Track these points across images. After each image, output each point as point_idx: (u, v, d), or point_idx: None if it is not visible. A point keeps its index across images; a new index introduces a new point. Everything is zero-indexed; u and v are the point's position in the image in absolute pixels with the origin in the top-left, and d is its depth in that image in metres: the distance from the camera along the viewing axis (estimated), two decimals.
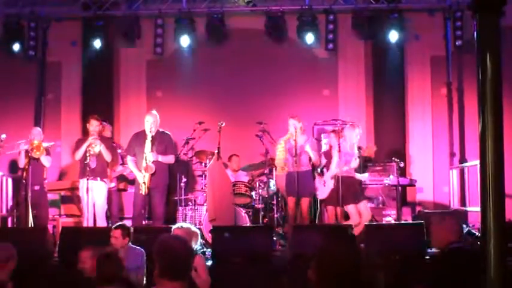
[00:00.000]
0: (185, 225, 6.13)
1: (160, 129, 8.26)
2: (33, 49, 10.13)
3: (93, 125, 8.20)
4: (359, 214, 7.71)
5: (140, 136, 8.24)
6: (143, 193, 8.02)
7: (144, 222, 8.31)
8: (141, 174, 8.05)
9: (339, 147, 7.72)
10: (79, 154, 8.16)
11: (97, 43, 10.00)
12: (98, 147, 8.09)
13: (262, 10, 9.92)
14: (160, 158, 8.14)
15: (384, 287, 5.66)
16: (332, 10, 9.91)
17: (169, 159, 8.30)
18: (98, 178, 8.14)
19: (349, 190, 7.68)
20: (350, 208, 7.72)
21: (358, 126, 8.07)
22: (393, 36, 9.75)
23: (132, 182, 8.56)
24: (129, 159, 8.28)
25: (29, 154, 8.15)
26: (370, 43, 10.11)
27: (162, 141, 8.18)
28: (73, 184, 9.38)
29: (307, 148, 7.95)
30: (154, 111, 8.29)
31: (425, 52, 10.12)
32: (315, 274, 2.51)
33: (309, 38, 9.88)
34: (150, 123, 8.12)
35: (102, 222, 8.07)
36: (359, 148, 8.63)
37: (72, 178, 9.77)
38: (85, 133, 8.67)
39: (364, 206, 7.83)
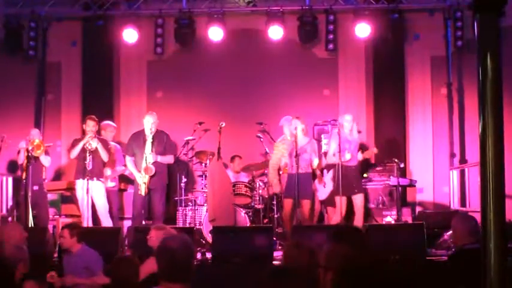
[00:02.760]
0: (162, 225, 6.12)
1: (159, 130, 8.27)
2: (33, 49, 10.12)
3: (90, 126, 8.20)
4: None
5: (139, 136, 8.25)
6: (143, 194, 8.03)
7: (143, 223, 8.31)
8: (140, 174, 8.05)
9: (339, 147, 7.72)
10: (74, 152, 8.15)
11: (97, 43, 10.00)
12: (95, 143, 8.07)
13: (263, 10, 9.92)
14: (160, 159, 8.15)
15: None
16: (332, 10, 9.90)
17: (169, 159, 8.31)
18: (95, 178, 8.14)
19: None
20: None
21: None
22: (393, 36, 9.74)
23: (132, 181, 8.56)
24: (128, 159, 8.29)
25: (29, 153, 8.15)
26: (370, 43, 10.11)
27: (161, 142, 8.20)
28: (72, 184, 9.39)
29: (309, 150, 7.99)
30: (153, 112, 8.32)
31: (425, 52, 10.11)
32: (332, 276, 2.48)
33: (309, 38, 9.88)
34: (151, 123, 8.13)
35: (107, 222, 8.07)
36: (362, 145, 8.62)
37: (72, 178, 9.77)
38: (85, 133, 8.65)
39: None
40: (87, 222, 7.92)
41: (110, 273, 4.16)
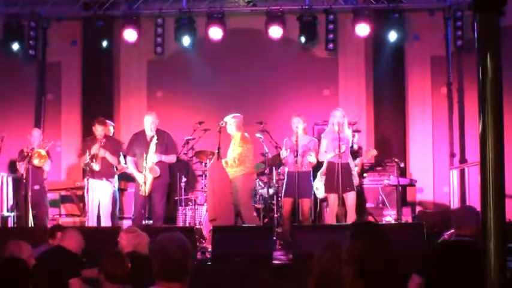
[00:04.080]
0: (133, 228, 6.10)
1: (160, 129, 8.27)
2: (33, 49, 10.13)
3: (98, 130, 8.19)
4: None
5: (140, 136, 8.25)
6: (144, 194, 8.02)
7: (144, 222, 8.31)
8: (141, 175, 8.05)
9: (339, 147, 7.71)
10: (83, 162, 8.19)
11: (97, 43, 10.00)
12: (99, 158, 8.09)
13: (262, 10, 9.92)
14: (164, 158, 8.16)
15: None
16: (332, 10, 9.91)
17: (171, 158, 8.33)
18: (104, 178, 8.14)
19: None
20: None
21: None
22: (393, 36, 9.74)
23: (133, 180, 8.56)
24: (129, 159, 8.28)
25: (30, 159, 8.18)
26: (370, 43, 10.11)
27: (162, 141, 8.20)
28: (73, 184, 9.40)
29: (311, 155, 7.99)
30: (153, 112, 8.33)
31: (425, 52, 10.11)
32: (352, 270, 2.51)
33: (309, 38, 9.88)
34: (150, 123, 8.14)
35: (107, 223, 8.07)
36: (359, 149, 8.62)
37: (72, 178, 9.78)
38: (85, 133, 8.69)
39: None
40: (88, 222, 7.93)
41: (102, 268, 4.10)
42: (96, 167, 8.05)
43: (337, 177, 7.57)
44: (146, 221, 8.40)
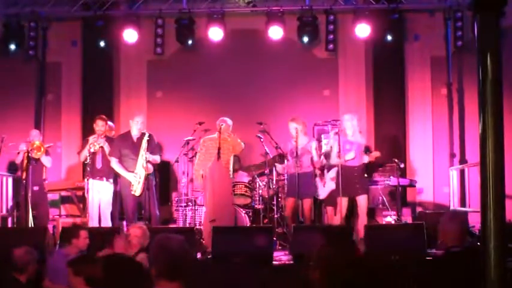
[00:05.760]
0: (140, 224, 6.15)
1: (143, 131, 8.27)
2: (33, 49, 10.13)
3: (99, 125, 8.19)
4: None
5: (127, 138, 8.17)
6: (137, 194, 7.97)
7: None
8: (133, 174, 7.98)
9: (339, 147, 7.70)
10: (82, 156, 8.19)
11: (97, 43, 10.00)
12: (97, 146, 8.08)
13: (263, 10, 9.92)
14: (151, 159, 8.15)
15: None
16: (332, 10, 9.91)
17: (157, 158, 8.32)
18: (104, 178, 8.13)
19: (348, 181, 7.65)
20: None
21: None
22: (393, 36, 9.75)
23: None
24: (114, 161, 8.14)
25: (29, 154, 8.17)
26: (370, 43, 10.11)
27: (150, 142, 8.18)
28: (73, 184, 9.39)
29: (312, 148, 7.97)
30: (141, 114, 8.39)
31: (425, 52, 10.12)
32: (318, 275, 2.52)
33: (309, 38, 9.88)
34: (141, 123, 8.15)
35: (107, 223, 8.05)
36: (367, 148, 8.57)
37: (72, 178, 9.78)
38: (85, 133, 8.68)
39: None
40: (93, 222, 7.93)
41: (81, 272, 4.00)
42: (96, 147, 8.03)
43: (345, 180, 7.56)
44: (139, 221, 8.36)
